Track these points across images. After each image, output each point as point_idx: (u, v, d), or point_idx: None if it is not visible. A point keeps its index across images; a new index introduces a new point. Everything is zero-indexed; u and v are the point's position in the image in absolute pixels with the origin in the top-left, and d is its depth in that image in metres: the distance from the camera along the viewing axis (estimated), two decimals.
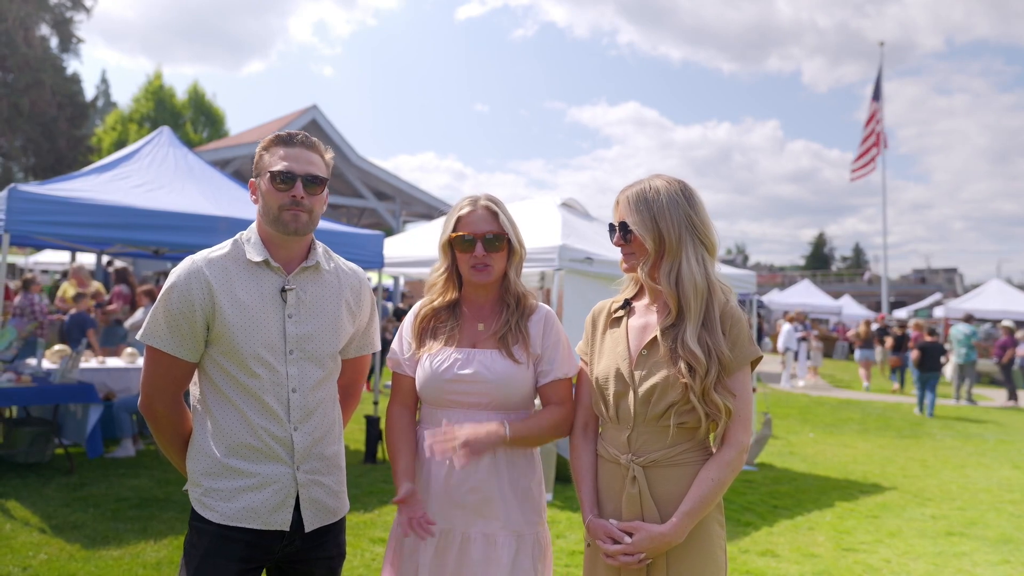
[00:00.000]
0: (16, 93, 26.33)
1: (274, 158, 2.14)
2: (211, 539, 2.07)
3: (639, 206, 2.10)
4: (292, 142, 2.16)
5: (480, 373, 2.21)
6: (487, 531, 2.19)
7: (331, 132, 21.01)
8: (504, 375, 2.21)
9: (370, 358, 2.45)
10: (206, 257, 2.14)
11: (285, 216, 2.11)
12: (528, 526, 2.24)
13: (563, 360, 2.29)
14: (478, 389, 2.21)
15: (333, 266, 2.28)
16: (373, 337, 2.41)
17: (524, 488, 2.26)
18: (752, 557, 5.18)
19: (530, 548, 2.23)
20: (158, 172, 7.39)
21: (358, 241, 7.40)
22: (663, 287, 2.09)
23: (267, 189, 2.13)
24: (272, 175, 2.11)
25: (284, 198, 2.10)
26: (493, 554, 2.18)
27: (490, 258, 2.26)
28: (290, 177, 2.10)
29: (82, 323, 8.88)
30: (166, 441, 2.21)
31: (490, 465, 2.20)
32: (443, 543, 2.20)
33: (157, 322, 2.09)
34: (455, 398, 2.23)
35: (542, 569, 2.26)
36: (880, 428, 11.94)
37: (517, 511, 2.23)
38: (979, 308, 22.35)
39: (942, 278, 53.04)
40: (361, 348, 2.38)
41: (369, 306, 2.36)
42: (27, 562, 4.47)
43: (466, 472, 2.19)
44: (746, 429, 2.06)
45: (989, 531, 6.14)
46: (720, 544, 2.11)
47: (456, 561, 2.19)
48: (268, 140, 2.19)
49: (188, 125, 35.80)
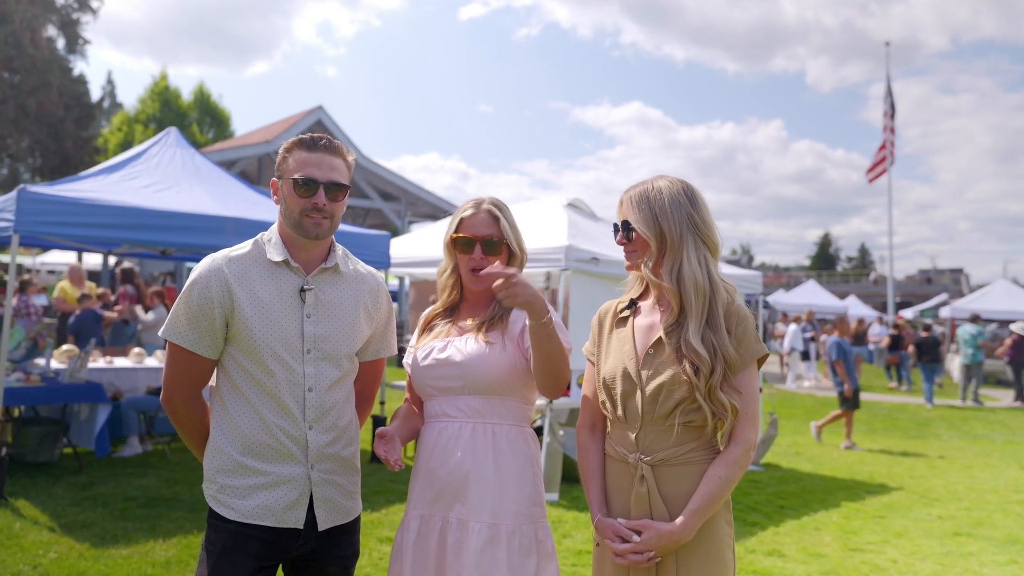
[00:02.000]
0: (23, 94, 26.47)
1: (297, 163, 2.15)
2: (229, 536, 2.10)
3: (641, 205, 2.12)
4: (315, 147, 2.16)
5: (451, 356, 2.25)
6: (462, 517, 2.18)
7: (337, 133, 21.08)
8: (474, 355, 2.23)
9: (385, 362, 2.48)
10: (227, 255, 2.17)
11: (307, 222, 2.14)
12: (507, 516, 2.18)
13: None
14: (449, 372, 2.24)
15: (352, 269, 2.31)
16: (390, 340, 2.43)
17: (509, 476, 2.21)
18: (758, 557, 5.18)
19: (505, 538, 2.15)
20: (165, 173, 7.41)
21: (364, 241, 7.41)
22: (665, 284, 2.10)
23: (289, 194, 2.15)
24: (295, 182, 2.13)
25: (306, 204, 2.12)
26: (465, 540, 2.15)
27: (487, 262, 2.27)
28: (313, 184, 2.12)
29: (90, 321, 8.95)
30: (186, 435, 2.26)
31: (469, 447, 2.20)
32: (424, 529, 2.22)
33: (178, 319, 2.13)
34: (433, 383, 2.28)
35: (526, 563, 2.17)
36: (887, 429, 11.92)
37: (496, 499, 2.18)
38: (985, 308, 22.25)
39: (948, 278, 52.91)
40: (378, 351, 2.40)
41: (386, 309, 2.38)
42: (37, 560, 4.50)
43: (445, 454, 2.21)
44: (753, 427, 2.07)
45: (996, 531, 6.13)
46: (728, 543, 2.12)
47: (437, 547, 2.19)
48: (291, 143, 2.20)
49: (194, 126, 35.86)
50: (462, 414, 2.25)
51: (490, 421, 2.25)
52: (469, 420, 2.24)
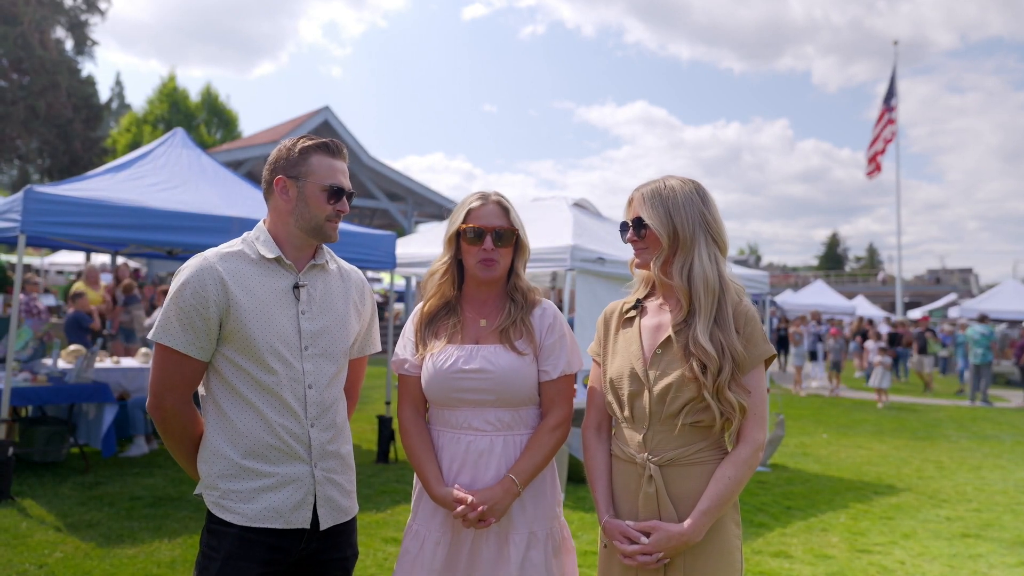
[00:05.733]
0: (32, 96, 26.58)
1: (323, 168, 2.16)
2: (233, 542, 2.06)
3: (655, 202, 2.11)
4: (339, 154, 2.22)
5: (485, 368, 2.20)
6: (497, 529, 2.18)
7: (343, 133, 21.12)
8: (509, 369, 2.20)
9: (367, 360, 2.46)
10: (218, 253, 2.14)
11: (328, 227, 2.18)
12: (540, 521, 2.23)
13: (567, 356, 2.28)
14: (483, 385, 2.19)
15: (337, 266, 2.32)
16: (374, 337, 2.42)
17: (542, 485, 2.25)
18: (765, 558, 5.16)
19: (542, 544, 2.21)
20: (172, 173, 7.42)
21: (370, 241, 7.40)
22: (675, 283, 2.09)
23: (315, 199, 2.15)
24: (327, 189, 2.16)
25: (331, 211, 2.17)
26: (504, 552, 2.17)
27: (498, 253, 2.25)
28: (341, 193, 2.18)
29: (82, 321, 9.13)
30: (175, 442, 2.18)
31: (499, 467, 2.19)
32: (455, 542, 2.20)
33: (169, 320, 2.07)
34: (460, 396, 2.22)
35: (558, 564, 2.23)
36: (895, 429, 11.86)
37: (530, 507, 2.22)
38: (995, 308, 22.17)
39: (957, 278, 52.70)
40: (363, 348, 2.39)
41: (371, 306, 2.38)
42: (43, 560, 4.51)
43: (477, 469, 2.19)
44: (761, 427, 2.07)
45: (1005, 533, 6.08)
46: (736, 544, 2.11)
47: (468, 560, 2.18)
48: (308, 144, 2.18)
49: (202, 127, 36.04)
50: (491, 427, 2.22)
51: (518, 433, 2.24)
52: (499, 433, 2.22)
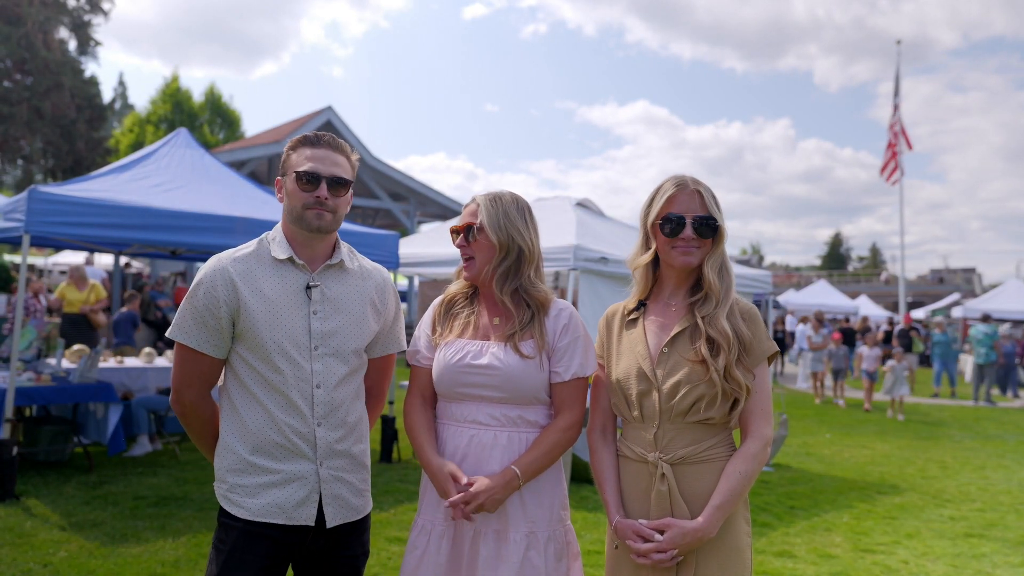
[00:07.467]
0: (36, 96, 26.66)
1: (300, 158, 2.19)
2: (239, 535, 2.11)
3: (712, 199, 2.18)
4: (319, 143, 2.21)
5: (493, 365, 2.20)
6: (498, 527, 2.18)
7: (346, 133, 21.12)
8: (516, 369, 2.20)
9: (394, 358, 2.46)
10: (231, 255, 2.19)
11: (308, 215, 2.16)
12: (542, 523, 2.21)
13: (580, 358, 2.26)
14: (491, 381, 2.20)
15: (357, 265, 2.32)
16: (399, 336, 2.42)
17: (539, 485, 2.24)
18: (769, 558, 5.15)
19: (543, 546, 2.19)
20: (175, 173, 7.43)
21: (373, 241, 7.41)
22: (709, 275, 2.15)
23: (292, 188, 2.18)
24: (298, 175, 2.16)
25: (308, 198, 2.16)
26: (504, 551, 2.17)
27: (470, 249, 2.28)
28: (315, 178, 2.15)
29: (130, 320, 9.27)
30: (196, 435, 2.28)
31: (503, 461, 2.19)
32: (457, 539, 2.20)
33: (184, 319, 2.15)
34: (467, 390, 2.22)
35: (560, 568, 2.22)
36: (898, 429, 11.85)
37: (530, 505, 2.21)
38: (998, 308, 22.16)
39: (960, 278, 52.52)
40: (386, 347, 2.39)
41: (394, 305, 2.39)
42: (47, 559, 4.52)
43: (479, 462, 2.19)
44: (768, 422, 2.11)
45: (1009, 533, 6.08)
46: (747, 541, 2.14)
47: (469, 557, 2.18)
48: (295, 140, 2.24)
49: (205, 127, 36.05)
50: (496, 422, 2.22)
51: (523, 430, 2.24)
52: (504, 428, 2.22)
